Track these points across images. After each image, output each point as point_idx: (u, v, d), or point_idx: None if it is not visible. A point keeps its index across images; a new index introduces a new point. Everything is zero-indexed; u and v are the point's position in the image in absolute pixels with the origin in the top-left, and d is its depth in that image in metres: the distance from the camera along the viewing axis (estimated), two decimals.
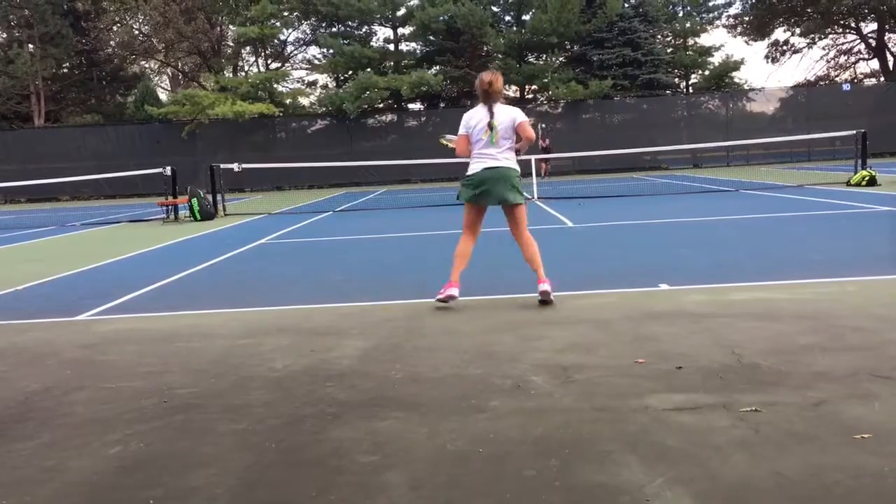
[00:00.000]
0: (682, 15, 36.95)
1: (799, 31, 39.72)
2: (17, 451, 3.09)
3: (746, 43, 42.61)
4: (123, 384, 3.94)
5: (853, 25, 38.86)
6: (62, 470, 2.86)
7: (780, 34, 40.51)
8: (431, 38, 33.83)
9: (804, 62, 76.33)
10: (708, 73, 36.36)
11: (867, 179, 14.89)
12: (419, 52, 35.50)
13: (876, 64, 38.79)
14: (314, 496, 2.53)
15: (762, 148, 30.06)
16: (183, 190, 16.35)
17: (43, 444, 3.15)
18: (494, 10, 34.46)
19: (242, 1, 34.42)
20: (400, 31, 35.76)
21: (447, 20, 32.28)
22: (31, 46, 34.30)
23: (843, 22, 38.87)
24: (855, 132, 16.63)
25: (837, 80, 39.18)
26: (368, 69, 32.43)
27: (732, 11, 38.72)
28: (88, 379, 4.08)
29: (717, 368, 3.68)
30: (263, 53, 37.12)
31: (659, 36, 35.34)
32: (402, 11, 34.33)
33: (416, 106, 36.34)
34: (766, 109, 34.24)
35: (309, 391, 3.66)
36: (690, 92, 36.59)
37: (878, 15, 36.40)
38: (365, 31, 36.27)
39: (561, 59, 34.26)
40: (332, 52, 34.61)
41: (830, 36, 40.14)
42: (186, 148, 31.39)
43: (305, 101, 37.09)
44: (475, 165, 5.59)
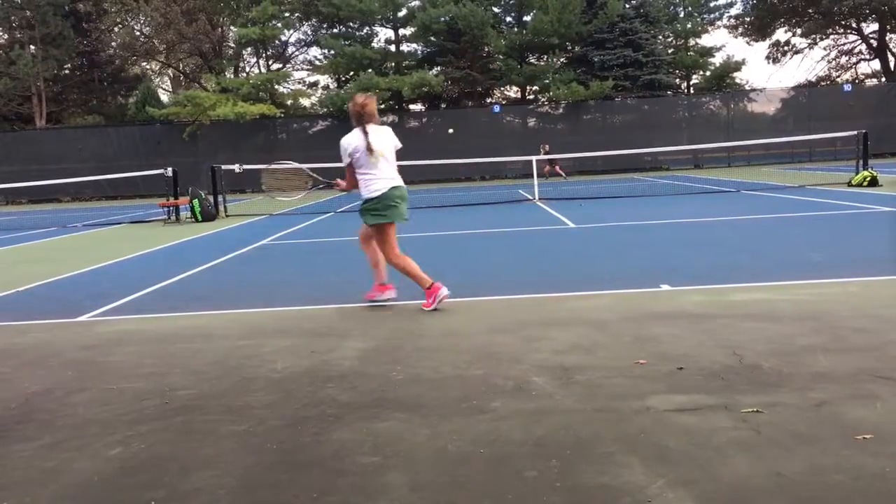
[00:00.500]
0: (683, 16, 36.95)
1: (800, 31, 39.74)
2: (18, 452, 3.09)
3: (747, 43, 42.63)
4: (125, 385, 3.94)
5: (854, 26, 38.85)
6: (63, 471, 2.86)
7: (781, 35, 40.58)
8: (432, 38, 33.84)
9: (805, 63, 76.28)
10: (709, 73, 36.37)
11: (868, 180, 14.88)
12: (420, 53, 35.52)
13: (877, 64, 38.82)
14: (315, 497, 2.53)
15: (763, 148, 30.04)
16: (184, 191, 16.36)
17: (44, 445, 3.15)
18: (495, 10, 34.46)
19: (243, 2, 34.46)
20: (401, 31, 35.80)
21: (448, 21, 32.29)
22: (32, 48, 34.34)
23: (844, 22, 38.86)
24: (856, 133, 16.62)
25: (839, 80, 39.16)
26: (369, 70, 32.45)
27: (733, 12, 38.78)
28: (90, 380, 4.08)
29: (718, 369, 3.67)
30: (264, 54, 37.15)
31: (660, 37, 35.33)
32: (403, 12, 34.35)
33: (417, 107, 36.35)
34: (767, 110, 34.24)
35: (310, 392, 3.66)
36: (691, 93, 36.60)
37: (879, 15, 36.39)
38: (366, 31, 36.30)
39: (562, 59, 34.25)
40: (333, 52, 34.64)
41: (832, 36, 40.16)
42: (188, 149, 31.41)
43: (306, 102, 37.12)
44: (379, 185, 5.59)
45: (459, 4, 31.61)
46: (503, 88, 36.70)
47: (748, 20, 39.30)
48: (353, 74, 34.05)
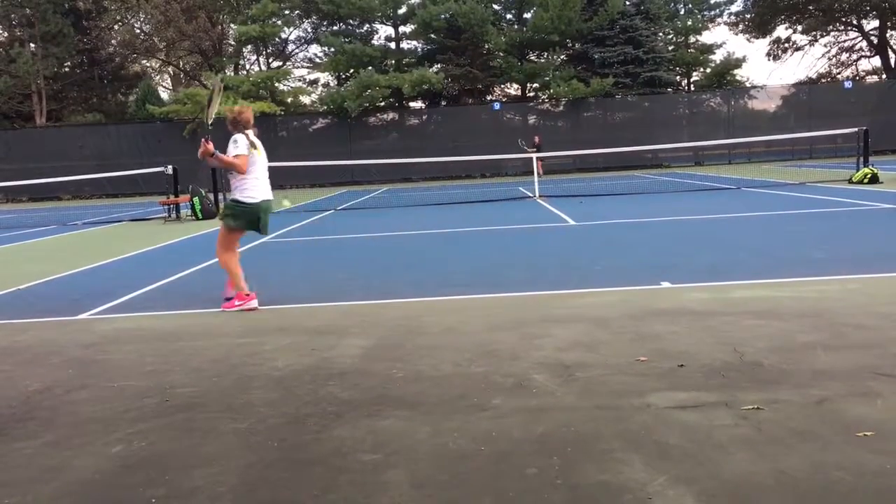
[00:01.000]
0: (683, 13, 36.89)
1: (801, 28, 39.65)
2: (19, 450, 3.09)
3: (748, 40, 42.59)
4: (125, 383, 3.95)
5: (855, 23, 38.79)
6: (64, 469, 2.86)
7: (781, 31, 40.49)
8: (433, 36, 33.78)
9: (806, 59, 76.31)
10: (709, 70, 36.28)
11: (869, 177, 14.87)
12: (420, 50, 35.46)
13: (878, 61, 38.72)
14: (316, 495, 2.53)
15: (764, 145, 30.01)
16: (184, 189, 16.35)
17: (45, 443, 3.15)
18: (496, 8, 34.40)
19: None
20: (401, 29, 35.74)
21: (448, 18, 32.25)
22: (32, 45, 34.32)
23: (844, 19, 38.79)
24: (857, 130, 16.61)
25: (839, 77, 39.10)
26: (370, 67, 32.41)
27: (734, 9, 38.75)
28: (90, 378, 4.09)
29: (718, 366, 3.68)
30: (265, 52, 37.10)
31: (660, 34, 35.26)
32: (403, 9, 34.29)
33: (417, 104, 36.32)
34: (767, 107, 34.18)
35: (310, 390, 3.66)
36: (692, 90, 36.53)
37: (879, 12, 36.32)
38: (366, 29, 36.24)
39: (562, 57, 34.19)
40: (333, 50, 34.58)
41: (832, 33, 40.08)
42: (188, 147, 31.34)
43: (307, 99, 37.07)
44: (255, 193, 5.78)
45: (459, 2, 31.56)
46: (503, 86, 36.65)
47: (749, 17, 39.23)
48: (353, 72, 33.99)
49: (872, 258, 6.58)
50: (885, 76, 37.11)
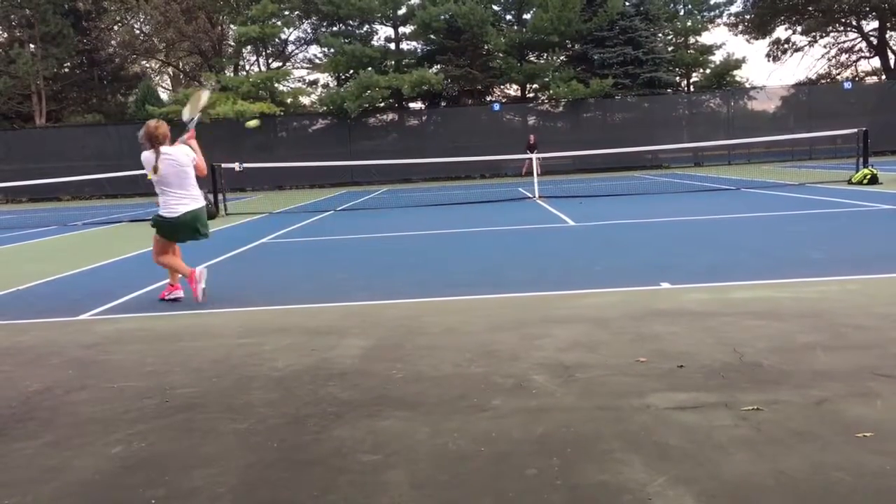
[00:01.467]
0: (683, 13, 36.88)
1: (800, 29, 39.67)
2: (19, 450, 3.09)
3: (748, 41, 42.61)
4: (125, 384, 3.95)
5: (854, 23, 38.80)
6: (64, 469, 2.86)
7: (781, 32, 40.50)
8: (432, 36, 33.78)
9: (805, 60, 76.35)
10: (709, 71, 36.29)
11: (869, 178, 14.87)
12: (420, 51, 35.46)
13: (877, 62, 38.74)
14: (316, 496, 2.53)
15: (763, 146, 30.00)
16: None
17: (45, 443, 3.15)
18: (495, 8, 34.39)
19: (243, 0, 34.40)
20: (401, 30, 35.73)
21: (448, 19, 32.25)
22: (32, 46, 34.29)
23: (844, 20, 38.80)
24: (856, 130, 16.61)
25: (839, 78, 39.12)
26: (369, 68, 32.39)
27: (733, 10, 38.68)
28: (90, 378, 4.09)
29: (718, 367, 3.68)
30: (264, 53, 37.09)
31: (660, 34, 35.26)
32: (402, 10, 34.28)
33: (417, 105, 36.32)
34: (767, 108, 34.18)
35: (310, 391, 3.66)
36: (692, 90, 36.53)
37: (879, 13, 36.32)
38: (366, 30, 36.22)
39: (562, 57, 34.19)
40: (332, 51, 34.57)
41: (832, 34, 40.09)
42: None
43: (306, 100, 37.05)
44: (175, 208, 6.16)
45: (459, 2, 31.55)
46: (503, 86, 36.64)
47: (748, 18, 39.25)
48: (352, 73, 33.99)
49: (872, 259, 6.59)
50: (884, 77, 37.13)
